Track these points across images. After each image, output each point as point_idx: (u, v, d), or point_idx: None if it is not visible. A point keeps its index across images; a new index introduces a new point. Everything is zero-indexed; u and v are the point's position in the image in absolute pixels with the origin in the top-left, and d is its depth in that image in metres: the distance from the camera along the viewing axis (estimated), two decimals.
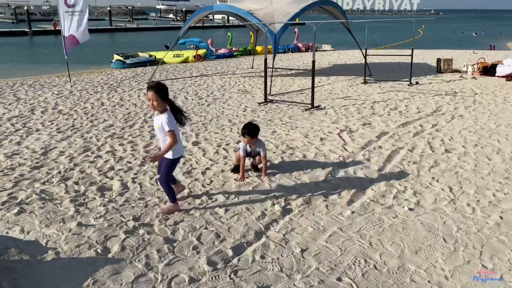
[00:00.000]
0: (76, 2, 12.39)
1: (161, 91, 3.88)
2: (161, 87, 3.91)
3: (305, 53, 23.63)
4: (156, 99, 3.83)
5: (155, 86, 3.88)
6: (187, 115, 4.38)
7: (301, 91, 11.69)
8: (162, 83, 3.95)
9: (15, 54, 27.60)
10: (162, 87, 3.92)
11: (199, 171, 5.44)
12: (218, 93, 11.30)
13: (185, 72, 15.79)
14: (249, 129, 5.11)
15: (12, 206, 4.25)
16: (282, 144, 6.59)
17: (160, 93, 3.86)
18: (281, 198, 4.58)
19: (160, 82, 3.91)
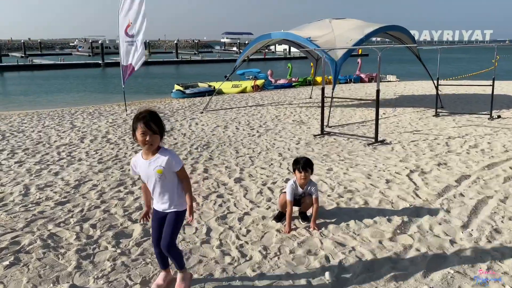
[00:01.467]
0: (136, 32, 12.41)
1: (158, 120, 2.81)
2: (155, 115, 2.82)
3: (368, 83, 22.41)
4: (154, 132, 2.76)
5: (149, 115, 2.77)
6: None
7: (363, 123, 10.58)
8: (154, 111, 2.85)
9: (88, 84, 29.03)
10: (156, 115, 2.83)
11: (236, 217, 4.55)
12: (271, 124, 10.51)
13: (241, 101, 15.26)
14: (304, 161, 4.26)
15: (7, 255, 3.60)
16: (339, 186, 5.56)
17: (159, 123, 2.81)
18: (334, 261, 3.55)
19: (151, 109, 2.84)
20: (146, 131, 2.72)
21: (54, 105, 17.51)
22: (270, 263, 3.52)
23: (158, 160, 2.85)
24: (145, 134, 2.72)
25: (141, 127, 2.71)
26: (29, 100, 20.55)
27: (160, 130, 2.79)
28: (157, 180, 2.88)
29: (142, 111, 2.77)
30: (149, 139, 2.74)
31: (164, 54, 75.53)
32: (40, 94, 23.19)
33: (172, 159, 2.85)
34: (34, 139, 9.09)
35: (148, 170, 2.87)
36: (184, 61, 58.56)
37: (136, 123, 2.75)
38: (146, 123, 2.71)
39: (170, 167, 2.86)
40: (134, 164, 2.98)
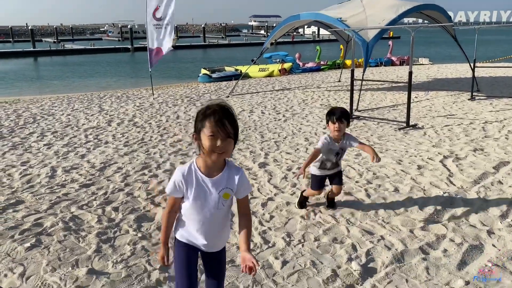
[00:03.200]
0: (164, 16, 12.33)
1: (233, 120, 1.97)
2: (230, 112, 1.98)
3: (399, 66, 21.68)
4: (228, 136, 1.93)
5: (222, 111, 1.95)
6: None
7: (394, 107, 10.19)
8: (227, 106, 1.99)
9: (117, 69, 29.41)
10: (230, 112, 1.99)
11: (259, 202, 4.42)
12: (298, 108, 10.27)
13: (267, 85, 15.04)
14: (341, 111, 3.75)
15: (29, 237, 3.60)
16: (368, 172, 5.33)
17: (234, 124, 1.97)
18: (362, 250, 3.37)
19: (223, 103, 2.00)
20: (217, 132, 1.87)
21: (83, 89, 17.78)
22: (294, 251, 3.38)
23: (227, 179, 2.03)
24: (216, 137, 1.88)
25: (211, 127, 1.87)
26: (60, 84, 20.97)
27: (235, 134, 1.95)
28: (218, 208, 2.03)
29: (212, 105, 1.95)
30: (221, 145, 1.89)
31: (192, 38, 75.62)
32: (71, 79, 23.64)
33: (245, 179, 2.08)
34: (63, 122, 9.21)
35: (209, 193, 2.01)
36: (211, 45, 58.48)
37: (203, 121, 1.91)
38: (218, 122, 1.88)
39: (239, 190, 2.07)
40: (182, 180, 2.00)
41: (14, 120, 9.50)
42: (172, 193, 2.04)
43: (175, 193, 2.04)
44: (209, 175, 2.01)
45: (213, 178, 2.01)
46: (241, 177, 2.05)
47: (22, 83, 21.78)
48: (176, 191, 2.02)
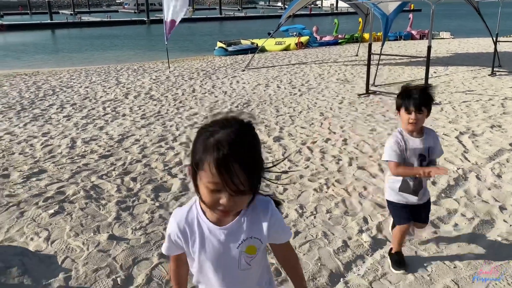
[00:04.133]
0: None
1: (258, 157, 1.25)
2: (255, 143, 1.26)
3: (419, 41, 21.19)
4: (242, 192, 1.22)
5: (240, 146, 1.19)
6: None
7: (412, 81, 10.05)
8: (251, 126, 1.26)
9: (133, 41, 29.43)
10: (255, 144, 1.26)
11: (273, 175, 4.49)
12: (314, 82, 10.21)
13: (284, 59, 14.92)
14: (421, 94, 2.51)
15: (52, 204, 3.77)
16: (382, 147, 5.34)
17: (259, 163, 1.25)
18: (373, 222, 3.45)
19: (246, 120, 1.26)
20: (222, 186, 1.19)
21: (101, 62, 17.91)
22: (306, 222, 3.47)
23: (250, 224, 1.37)
24: (219, 191, 1.21)
25: (212, 174, 1.18)
26: (78, 57, 21.14)
27: (254, 183, 1.24)
28: (241, 268, 1.41)
29: (220, 127, 1.21)
30: (228, 204, 1.23)
31: (208, 11, 74.77)
32: (90, 52, 23.79)
33: (278, 224, 1.41)
34: (81, 94, 9.37)
35: (223, 249, 1.38)
36: (227, 18, 57.81)
37: (202, 156, 1.21)
38: (224, 168, 1.17)
39: (273, 239, 1.43)
40: (178, 233, 1.39)
41: (34, 92, 9.70)
42: (170, 252, 1.46)
43: (173, 251, 1.45)
44: (220, 221, 1.34)
45: (226, 226, 1.34)
46: (272, 221, 1.37)
47: (40, 56, 22.02)
48: (175, 249, 1.44)
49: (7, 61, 19.45)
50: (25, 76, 12.49)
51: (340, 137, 5.76)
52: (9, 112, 7.81)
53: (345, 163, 4.78)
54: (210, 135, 1.20)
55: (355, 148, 5.29)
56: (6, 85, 10.70)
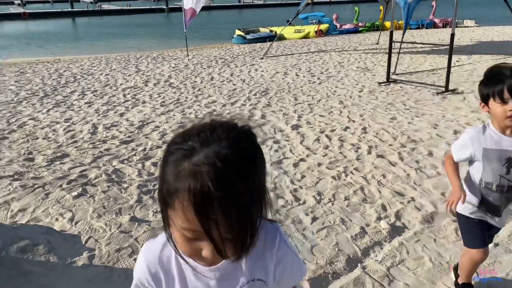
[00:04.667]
0: None
1: (250, 178, 0.82)
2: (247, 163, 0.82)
3: (442, 29, 20.72)
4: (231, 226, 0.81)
5: (223, 171, 0.77)
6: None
7: (433, 71, 9.87)
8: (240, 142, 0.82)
9: (152, 29, 29.61)
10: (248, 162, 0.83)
11: (291, 162, 4.51)
12: (333, 71, 10.12)
13: (303, 47, 14.80)
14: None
15: (76, 187, 3.86)
16: (402, 135, 5.29)
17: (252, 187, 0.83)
18: (391, 210, 3.43)
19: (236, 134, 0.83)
20: (201, 233, 0.80)
21: (120, 50, 18.09)
22: (324, 208, 3.48)
23: (251, 263, 1.00)
24: (203, 241, 0.83)
25: (192, 221, 0.78)
26: (98, 45, 21.38)
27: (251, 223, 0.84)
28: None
29: (203, 136, 0.81)
30: (215, 258, 0.86)
31: None
32: (110, 40, 24.03)
33: (291, 261, 1.06)
34: (102, 81, 9.50)
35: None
36: (246, 5, 57.51)
37: (174, 192, 0.79)
38: (200, 210, 0.77)
39: (283, 281, 1.08)
40: (150, 277, 0.98)
41: (56, 79, 9.88)
42: None
43: None
44: (210, 261, 0.89)
45: (218, 266, 0.94)
46: (281, 255, 1.02)
47: (62, 44, 22.36)
48: None
49: (30, 49, 19.83)
50: (47, 63, 12.72)
51: (359, 126, 5.72)
52: (33, 98, 7.99)
53: (364, 151, 4.75)
54: (184, 156, 0.78)
55: (375, 137, 5.25)
56: (29, 72, 10.92)
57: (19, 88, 8.90)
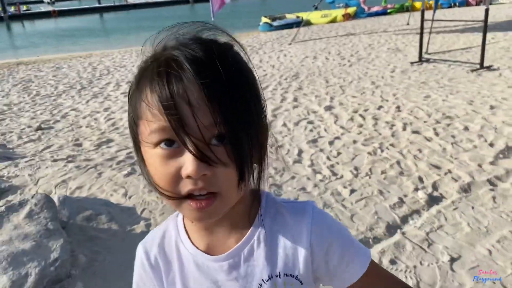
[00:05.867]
0: None
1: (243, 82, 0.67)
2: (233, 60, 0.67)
3: (475, 7, 20.07)
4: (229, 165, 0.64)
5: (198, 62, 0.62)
6: None
7: (467, 49, 9.67)
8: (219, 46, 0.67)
9: (179, 20, 29.92)
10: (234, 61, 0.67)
11: (327, 140, 4.62)
12: (363, 53, 10.07)
13: (331, 31, 14.72)
14: None
15: (125, 166, 4.12)
16: (437, 112, 5.29)
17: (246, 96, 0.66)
18: (428, 181, 3.51)
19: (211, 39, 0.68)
20: (179, 134, 0.61)
21: None
22: (361, 181, 3.58)
23: (272, 250, 0.74)
24: (179, 154, 0.63)
25: (156, 114, 0.63)
26: (127, 39, 21.87)
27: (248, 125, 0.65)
28: None
29: (175, 46, 0.66)
30: (198, 173, 0.61)
31: None
32: (138, 33, 24.51)
33: (334, 233, 0.75)
34: (135, 73, 9.75)
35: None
36: None
37: (137, 94, 0.68)
38: (172, 94, 0.61)
39: (329, 272, 0.75)
40: (149, 268, 0.79)
41: (91, 72, 10.28)
42: None
43: None
44: (214, 248, 0.76)
45: (227, 255, 0.75)
46: (323, 243, 0.74)
47: (92, 39, 23.00)
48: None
49: (63, 45, 20.50)
50: (80, 58, 13.21)
51: (392, 104, 5.75)
52: (71, 91, 8.38)
53: (399, 128, 4.80)
54: (148, 63, 0.68)
55: (409, 114, 5.28)
56: (65, 67, 11.40)
57: (57, 82, 9.33)
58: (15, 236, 2.26)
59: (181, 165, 0.63)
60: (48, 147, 4.99)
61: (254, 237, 0.74)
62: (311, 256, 0.73)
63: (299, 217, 0.75)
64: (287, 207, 0.77)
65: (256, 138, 0.67)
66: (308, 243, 0.73)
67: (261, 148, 0.71)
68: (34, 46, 21.04)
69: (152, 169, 0.67)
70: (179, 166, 0.63)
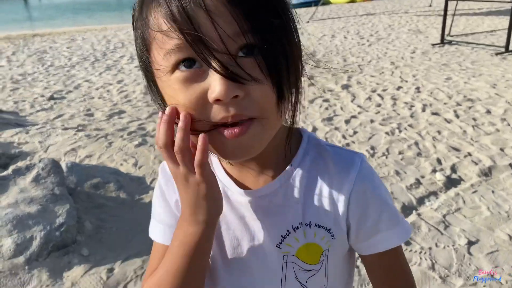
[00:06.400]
0: None
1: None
2: None
3: None
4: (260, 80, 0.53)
5: None
6: None
7: (491, 32, 9.33)
8: None
9: None
10: None
11: (342, 119, 4.49)
12: (383, 33, 9.79)
13: (350, 11, 14.36)
14: None
15: (136, 137, 4.06)
16: (458, 94, 5.11)
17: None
18: (447, 163, 3.38)
19: None
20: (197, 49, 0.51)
21: None
22: (378, 161, 3.47)
23: (307, 196, 0.67)
24: (201, 76, 0.54)
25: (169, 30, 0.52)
26: None
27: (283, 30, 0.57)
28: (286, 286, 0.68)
29: None
30: (227, 93, 0.51)
31: None
32: None
33: (377, 195, 0.67)
34: None
35: (247, 238, 0.68)
36: None
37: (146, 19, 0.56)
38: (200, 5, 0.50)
39: (363, 234, 0.68)
40: (171, 192, 0.71)
41: (105, 45, 10.20)
42: (162, 238, 0.73)
43: (165, 235, 0.73)
44: (243, 183, 0.69)
45: (256, 191, 0.67)
46: (363, 200, 0.67)
47: (108, 13, 22.88)
48: (167, 232, 0.72)
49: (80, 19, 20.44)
50: (95, 31, 13.12)
51: (412, 85, 5.57)
52: (85, 62, 8.32)
53: (418, 109, 4.65)
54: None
55: (429, 96, 5.11)
56: (79, 39, 11.33)
57: (71, 54, 9.28)
58: (21, 199, 2.22)
59: (206, 89, 0.53)
60: (59, 116, 4.96)
61: (290, 178, 0.67)
62: (347, 212, 0.67)
63: (344, 166, 0.67)
64: (332, 152, 0.69)
65: (290, 50, 0.58)
66: (348, 197, 0.66)
67: (296, 70, 0.61)
68: (50, 19, 21.03)
69: (172, 101, 0.57)
70: (203, 90, 0.53)
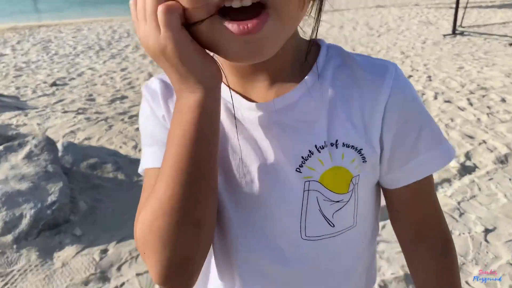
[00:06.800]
0: None
1: None
2: None
3: None
4: None
5: None
6: None
7: (504, 24, 9.10)
8: None
9: None
10: None
11: None
12: (393, 24, 9.59)
13: (359, 3, 14.15)
14: None
15: (136, 121, 3.94)
16: (471, 83, 4.93)
17: None
18: (460, 151, 3.22)
19: None
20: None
21: None
22: None
23: (332, 109, 0.54)
24: None
25: None
26: None
27: None
28: (307, 224, 0.56)
29: None
30: None
31: None
32: None
33: (424, 118, 0.56)
34: None
35: (258, 160, 0.54)
36: None
37: None
38: None
39: (397, 156, 0.56)
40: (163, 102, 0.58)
41: (110, 35, 10.11)
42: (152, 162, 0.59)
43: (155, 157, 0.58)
44: (251, 96, 0.56)
45: (268, 103, 0.55)
46: (400, 114, 0.54)
47: (116, 5, 22.80)
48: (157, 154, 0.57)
49: (87, 10, 20.38)
50: (101, 22, 13.03)
51: (423, 74, 5.40)
52: (89, 51, 8.22)
53: (429, 97, 4.48)
54: None
55: (441, 84, 4.93)
56: (85, 29, 11.25)
57: (76, 43, 9.19)
58: (11, 176, 2.11)
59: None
60: (60, 100, 4.86)
61: (310, 89, 0.54)
62: (382, 128, 0.54)
63: (376, 73, 0.54)
64: (360, 60, 0.56)
65: None
66: (383, 109, 0.53)
67: None
68: (58, 10, 20.99)
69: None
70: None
